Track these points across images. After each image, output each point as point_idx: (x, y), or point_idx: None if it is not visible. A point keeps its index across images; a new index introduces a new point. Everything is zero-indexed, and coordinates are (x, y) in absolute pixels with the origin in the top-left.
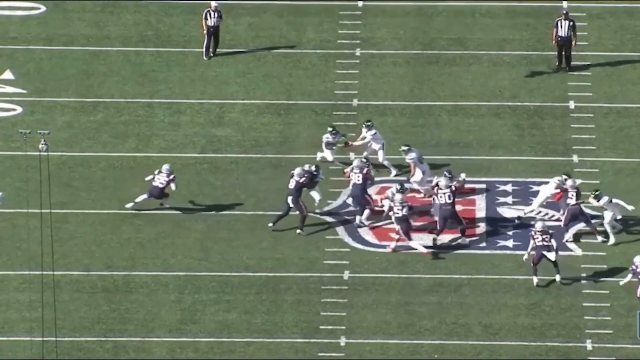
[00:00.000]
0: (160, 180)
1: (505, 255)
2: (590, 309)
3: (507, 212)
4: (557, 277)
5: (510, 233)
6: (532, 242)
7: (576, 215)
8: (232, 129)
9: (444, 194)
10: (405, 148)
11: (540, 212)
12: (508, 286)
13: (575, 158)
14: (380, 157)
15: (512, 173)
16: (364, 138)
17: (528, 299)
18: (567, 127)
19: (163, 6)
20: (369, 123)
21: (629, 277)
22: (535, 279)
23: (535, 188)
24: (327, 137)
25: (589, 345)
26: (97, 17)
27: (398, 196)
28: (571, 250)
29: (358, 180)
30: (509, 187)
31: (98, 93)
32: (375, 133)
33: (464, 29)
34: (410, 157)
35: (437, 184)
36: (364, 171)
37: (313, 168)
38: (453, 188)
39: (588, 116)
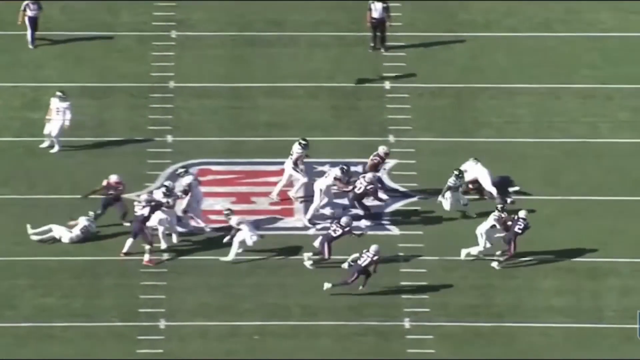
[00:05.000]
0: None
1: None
2: (408, 287)
3: (325, 193)
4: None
5: (328, 213)
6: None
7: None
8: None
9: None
10: (182, 170)
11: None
12: (328, 267)
13: (391, 138)
14: None
15: (329, 154)
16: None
17: None
18: (383, 107)
19: None
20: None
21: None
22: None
23: (352, 168)
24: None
25: (406, 324)
26: None
27: (143, 196)
28: (389, 230)
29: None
30: (326, 168)
31: None
32: None
33: (280, 10)
34: (185, 182)
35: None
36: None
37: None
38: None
39: (403, 96)
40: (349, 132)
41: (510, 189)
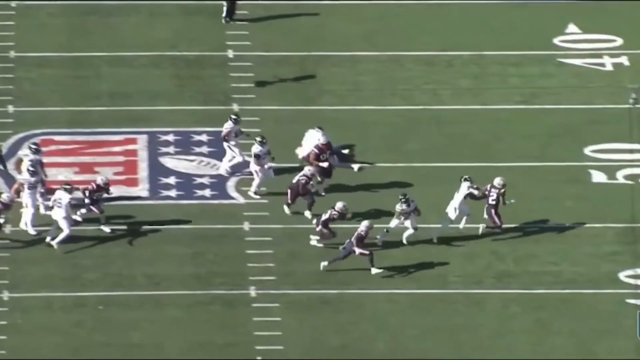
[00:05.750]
0: None
1: (169, 205)
2: (253, 256)
3: (169, 162)
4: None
5: (173, 183)
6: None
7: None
8: None
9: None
10: (33, 146)
11: (202, 161)
12: (172, 236)
13: (235, 107)
14: None
15: (173, 123)
16: None
17: (192, 249)
18: (226, 76)
19: None
20: None
21: None
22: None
23: (196, 137)
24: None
25: (252, 292)
26: None
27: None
28: (234, 199)
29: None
30: (170, 137)
31: None
32: None
33: None
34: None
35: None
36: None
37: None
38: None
39: (247, 65)
40: (193, 101)
41: (344, 151)
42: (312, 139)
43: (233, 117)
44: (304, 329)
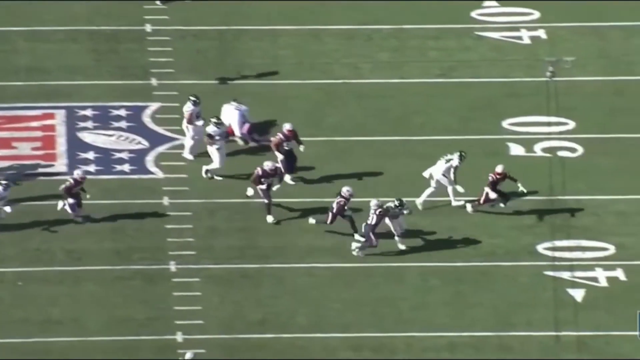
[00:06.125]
0: None
1: (88, 180)
2: (174, 231)
3: (87, 137)
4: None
5: (91, 158)
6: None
7: None
8: None
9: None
10: None
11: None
12: (91, 211)
13: (154, 81)
14: None
15: (91, 98)
16: None
17: (112, 224)
18: (144, 50)
19: None
20: None
21: None
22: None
23: (115, 112)
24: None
25: (172, 267)
26: None
27: None
28: (153, 173)
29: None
30: (89, 112)
31: None
32: None
33: None
34: None
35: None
36: None
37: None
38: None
39: (165, 39)
40: (111, 76)
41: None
42: (229, 114)
43: (192, 98)
44: (225, 303)
